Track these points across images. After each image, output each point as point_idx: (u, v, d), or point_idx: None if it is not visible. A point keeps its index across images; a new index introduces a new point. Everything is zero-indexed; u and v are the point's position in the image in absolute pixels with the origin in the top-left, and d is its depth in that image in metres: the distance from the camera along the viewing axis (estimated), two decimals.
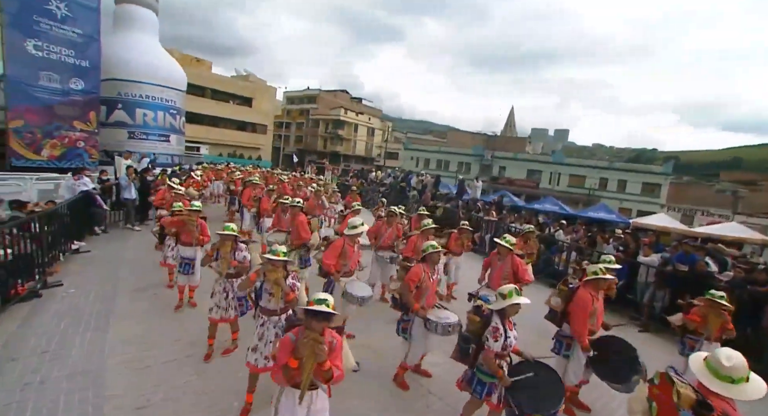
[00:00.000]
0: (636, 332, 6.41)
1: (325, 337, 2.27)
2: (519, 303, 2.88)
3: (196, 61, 41.58)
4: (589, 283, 3.65)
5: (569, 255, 8.06)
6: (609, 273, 4.01)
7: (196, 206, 5.05)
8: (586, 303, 3.56)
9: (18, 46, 10.78)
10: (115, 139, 13.79)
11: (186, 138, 33.13)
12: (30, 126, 11.13)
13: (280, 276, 3.05)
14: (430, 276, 3.85)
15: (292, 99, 59.75)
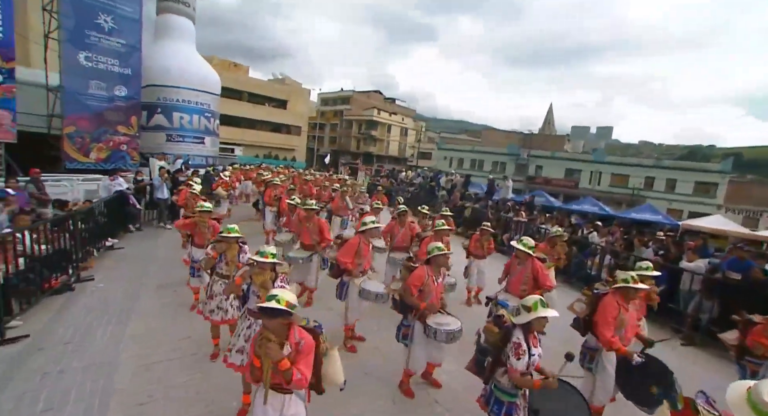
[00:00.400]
0: (678, 345, 5.85)
1: (291, 338, 2.19)
2: (546, 317, 2.54)
3: (233, 66, 43.30)
4: (618, 291, 3.31)
5: (602, 259, 7.52)
6: (646, 281, 3.66)
7: (206, 207, 5.11)
8: (610, 311, 3.23)
9: (72, 58, 11.66)
10: (155, 141, 14.57)
11: (223, 140, 34.68)
12: (81, 131, 11.98)
13: (267, 279, 3.00)
14: (434, 280, 3.65)
15: (326, 100, 60.76)
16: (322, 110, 60.38)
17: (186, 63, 15.12)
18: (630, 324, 3.33)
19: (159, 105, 14.61)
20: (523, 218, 9.67)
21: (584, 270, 7.79)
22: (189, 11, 15.52)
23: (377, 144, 54.63)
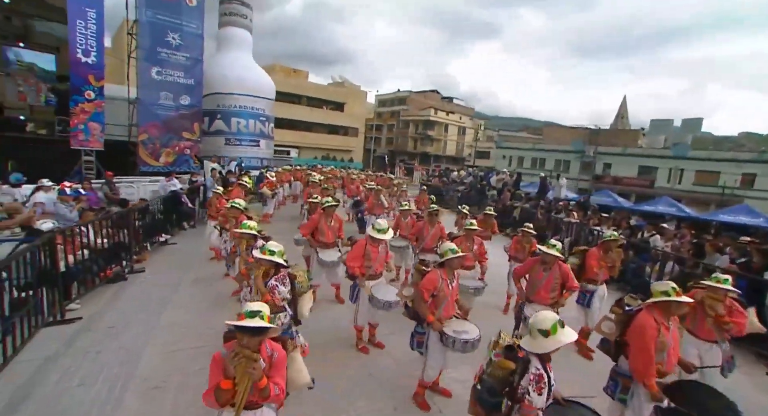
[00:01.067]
0: (763, 374, 4.95)
1: (263, 351, 2.07)
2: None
3: (293, 72, 45.50)
4: (657, 307, 2.74)
5: (663, 266, 6.62)
6: (717, 295, 3.15)
7: (237, 204, 5.38)
8: (646, 331, 2.65)
9: (146, 73, 13.05)
10: (215, 145, 15.77)
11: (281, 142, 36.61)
12: (152, 138, 13.35)
13: (259, 275, 3.02)
14: (448, 284, 3.40)
15: (384, 102, 61.43)
16: (380, 111, 61.21)
17: (243, 71, 16.20)
18: (673, 345, 2.75)
19: (219, 111, 15.80)
20: (575, 219, 8.89)
21: (642, 278, 6.93)
22: (247, 23, 16.60)
23: (434, 144, 54.13)
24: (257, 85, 16.62)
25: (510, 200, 12.30)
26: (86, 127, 11.65)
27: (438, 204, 7.83)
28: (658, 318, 2.72)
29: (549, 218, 9.91)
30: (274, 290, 3.03)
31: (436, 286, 3.34)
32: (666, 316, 2.74)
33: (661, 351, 2.69)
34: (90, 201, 6.69)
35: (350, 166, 41.36)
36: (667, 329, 2.73)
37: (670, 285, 2.78)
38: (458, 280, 3.71)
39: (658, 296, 2.74)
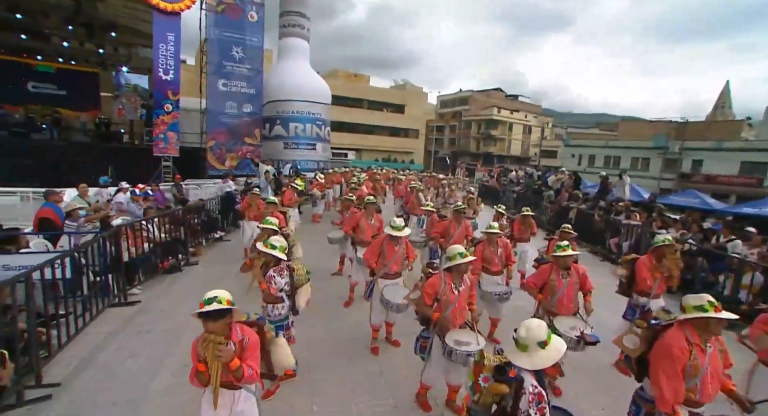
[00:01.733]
0: None
1: (234, 336, 2.22)
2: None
3: (354, 77, 46.86)
4: (690, 324, 2.31)
5: (738, 276, 5.70)
6: None
7: (271, 200, 5.75)
8: (673, 352, 2.26)
9: (214, 86, 14.42)
10: (275, 150, 16.86)
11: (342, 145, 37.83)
12: (219, 144, 14.69)
13: (258, 265, 3.21)
14: (452, 289, 3.21)
15: (446, 102, 60.78)
16: (441, 112, 60.70)
17: (301, 78, 17.15)
18: (711, 372, 2.29)
19: (278, 117, 16.88)
20: (636, 221, 8.01)
21: (714, 290, 6.04)
22: (304, 33, 17.55)
23: (497, 143, 52.27)
24: (314, 91, 17.47)
25: (568, 201, 11.46)
26: (165, 136, 13.20)
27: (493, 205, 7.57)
28: (692, 337, 2.30)
29: (608, 220, 9.05)
30: (270, 280, 3.23)
31: (437, 291, 3.21)
32: (702, 336, 2.31)
33: (694, 376, 2.28)
34: (156, 201, 7.61)
35: (410, 167, 41.53)
36: (702, 351, 2.29)
37: (706, 298, 2.32)
38: (473, 285, 3.51)
39: (692, 312, 2.30)
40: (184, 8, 12.85)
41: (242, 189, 10.35)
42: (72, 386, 3.63)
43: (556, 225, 11.55)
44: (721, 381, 2.37)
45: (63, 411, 3.30)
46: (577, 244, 10.02)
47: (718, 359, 2.33)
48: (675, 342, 2.30)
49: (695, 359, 2.25)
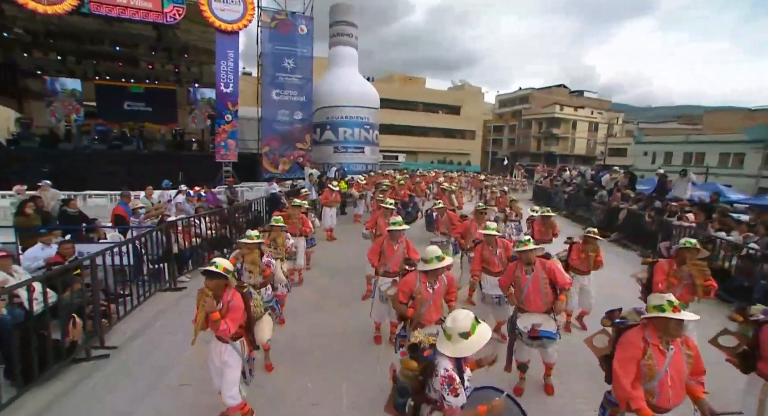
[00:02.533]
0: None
1: (224, 297, 2.77)
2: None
3: (408, 80, 47.16)
4: (651, 324, 2.30)
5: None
6: None
7: (298, 203, 6.23)
8: (628, 350, 2.31)
9: (268, 96, 15.61)
10: (325, 153, 17.73)
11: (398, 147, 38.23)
12: (273, 149, 15.85)
13: (256, 256, 3.62)
14: (428, 287, 3.28)
15: (505, 102, 58.87)
16: (500, 112, 58.87)
17: (349, 84, 17.90)
18: (672, 376, 2.23)
19: (328, 123, 17.76)
20: (688, 222, 7.27)
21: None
22: (353, 41, 18.30)
23: (560, 142, 49.42)
24: (362, 96, 18.12)
25: (621, 201, 10.67)
26: (225, 144, 14.58)
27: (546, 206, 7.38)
28: (650, 337, 2.27)
29: (660, 221, 8.30)
30: (269, 265, 3.64)
31: (412, 288, 3.27)
32: (662, 337, 2.26)
33: (650, 378, 2.23)
34: (207, 201, 8.55)
35: (466, 169, 40.85)
36: (661, 353, 2.24)
37: (666, 298, 2.25)
38: (450, 282, 3.47)
39: (651, 311, 2.27)
40: (242, 27, 14.14)
41: (286, 191, 11.14)
42: (125, 350, 4.41)
43: (605, 227, 10.84)
44: (686, 387, 2.27)
45: (116, 368, 4.06)
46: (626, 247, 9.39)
47: (683, 364, 2.24)
48: (631, 339, 2.30)
49: (650, 359, 2.21)
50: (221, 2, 13.59)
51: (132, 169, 14.15)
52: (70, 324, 3.98)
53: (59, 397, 3.55)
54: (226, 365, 2.87)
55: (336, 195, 9.62)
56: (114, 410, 3.41)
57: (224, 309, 2.75)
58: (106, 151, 15.64)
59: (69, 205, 6.85)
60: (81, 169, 13.64)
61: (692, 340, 2.39)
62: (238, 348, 2.91)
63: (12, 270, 4.36)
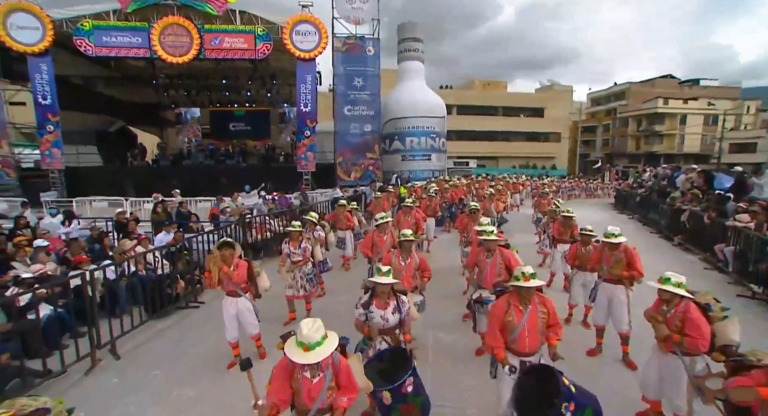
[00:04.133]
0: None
1: (233, 261, 4.06)
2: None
3: (487, 85, 46.50)
4: (514, 290, 2.93)
5: None
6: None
7: (342, 203, 7.52)
8: (493, 311, 3.01)
9: (341, 111, 17.51)
10: (394, 162, 19.05)
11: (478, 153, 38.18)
12: (346, 159, 17.67)
13: (297, 240, 4.92)
14: (400, 261, 4.20)
15: (598, 100, 54.41)
16: (592, 111, 54.47)
17: (416, 96, 19.02)
18: (528, 328, 2.85)
19: (396, 133, 19.07)
20: (743, 222, 6.73)
21: None
22: (419, 55, 19.46)
23: (665, 140, 43.94)
24: (428, 107, 19.09)
25: (692, 202, 9.89)
26: (305, 156, 16.76)
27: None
28: (512, 300, 2.92)
29: (716, 222, 7.72)
30: (306, 250, 4.91)
31: (390, 262, 4.09)
32: (520, 300, 2.90)
33: (512, 330, 2.89)
34: (280, 204, 10.38)
35: (549, 173, 38.90)
36: (520, 312, 2.88)
37: (521, 270, 2.88)
38: (422, 260, 4.31)
39: (512, 281, 2.92)
40: (318, 54, 16.23)
41: (348, 196, 12.62)
42: (209, 305, 6.10)
43: (672, 229, 10.13)
44: (543, 336, 2.92)
45: (202, 315, 5.80)
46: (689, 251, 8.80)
47: (537, 319, 2.89)
48: (497, 303, 3.04)
49: (510, 316, 2.90)
50: (300, 34, 15.83)
51: (232, 179, 17.11)
52: (178, 284, 5.79)
53: (169, 326, 5.42)
54: (243, 311, 4.12)
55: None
56: (200, 337, 5.05)
57: (233, 268, 4.04)
58: (214, 166, 19.09)
59: (182, 206, 9.17)
60: (196, 180, 17.00)
61: (549, 302, 2.99)
62: (249, 298, 4.19)
63: (148, 247, 6.40)
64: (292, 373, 2.26)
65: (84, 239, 6.62)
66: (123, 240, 6.24)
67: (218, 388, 3.91)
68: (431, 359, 4.31)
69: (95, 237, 6.52)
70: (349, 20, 16.70)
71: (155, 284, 5.49)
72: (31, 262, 5.26)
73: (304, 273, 5.26)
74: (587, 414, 2.43)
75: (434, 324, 5.06)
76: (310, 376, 2.25)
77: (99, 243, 6.30)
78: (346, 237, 7.64)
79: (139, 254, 5.80)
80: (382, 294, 3.21)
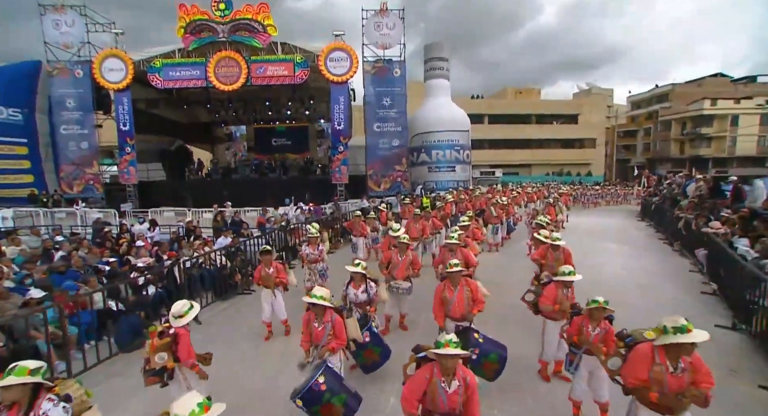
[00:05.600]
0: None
1: (272, 263, 5.63)
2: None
3: (519, 93, 46.74)
4: (448, 276, 4.41)
5: None
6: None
7: (357, 213, 9.06)
8: (436, 292, 4.41)
9: (371, 127, 19.18)
10: (421, 173, 20.45)
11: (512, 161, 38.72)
12: (376, 171, 19.29)
13: (316, 243, 6.47)
14: (397, 257, 5.66)
15: (638, 103, 52.81)
16: (633, 115, 52.92)
17: (441, 111, 20.38)
18: (458, 302, 4.24)
19: (423, 147, 20.48)
20: (713, 229, 7.48)
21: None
22: (444, 73, 20.86)
23: (713, 143, 42.00)
24: (452, 121, 20.38)
25: (690, 211, 10.49)
26: (339, 169, 18.59)
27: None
28: (447, 284, 4.34)
29: (698, 229, 8.43)
30: (321, 252, 6.48)
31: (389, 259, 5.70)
32: (452, 282, 4.29)
33: (448, 304, 4.27)
34: (315, 213, 12.12)
35: (583, 180, 38.58)
36: (451, 290, 4.27)
37: (450, 262, 4.33)
38: (414, 257, 5.80)
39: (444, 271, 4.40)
40: (349, 78, 18.10)
41: (374, 205, 14.20)
42: (257, 294, 7.50)
43: (674, 235, 10.76)
44: (469, 307, 4.25)
45: (252, 301, 7.29)
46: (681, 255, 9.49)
47: (464, 295, 4.27)
48: (438, 287, 4.44)
49: (445, 294, 4.31)
50: (334, 61, 17.76)
51: (274, 191, 19.24)
52: (236, 276, 7.58)
53: (227, 307, 7.13)
54: (277, 299, 5.67)
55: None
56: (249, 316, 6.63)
57: (271, 269, 5.63)
58: (258, 179, 21.42)
59: (235, 215, 11.17)
60: (244, 192, 19.29)
61: (473, 283, 4.39)
62: (280, 290, 5.77)
63: (212, 247, 8.28)
64: (309, 323, 3.78)
65: (165, 241, 8.63)
66: (193, 242, 8.16)
67: (257, 351, 5.52)
68: (419, 334, 5.68)
69: (173, 239, 8.52)
70: (377, 46, 18.42)
71: (219, 275, 7.27)
72: (136, 257, 7.23)
73: (317, 269, 6.78)
74: (491, 358, 3.74)
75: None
76: (317, 326, 3.72)
77: (177, 244, 8.25)
78: (359, 242, 9.13)
79: (207, 252, 7.65)
80: (356, 279, 4.71)
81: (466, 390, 2.65)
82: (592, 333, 3.41)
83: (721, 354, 4.69)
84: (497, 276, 7.94)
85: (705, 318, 5.59)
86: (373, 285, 4.83)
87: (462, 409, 2.68)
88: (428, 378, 2.67)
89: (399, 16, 18.34)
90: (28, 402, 2.30)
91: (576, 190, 22.61)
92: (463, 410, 2.68)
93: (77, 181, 18.74)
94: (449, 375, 2.63)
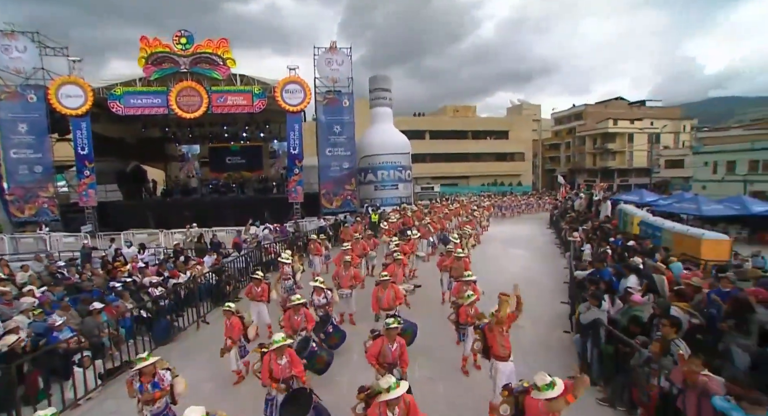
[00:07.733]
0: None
1: (261, 285, 7.76)
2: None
3: (455, 112, 51.53)
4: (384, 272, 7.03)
5: None
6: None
7: (312, 237, 11.36)
8: (373, 293, 6.90)
9: (324, 152, 21.38)
10: (368, 191, 23.02)
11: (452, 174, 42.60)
12: (328, 191, 21.52)
13: (289, 269, 8.69)
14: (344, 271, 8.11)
15: (560, 119, 60.14)
16: (556, 130, 60.07)
17: (385, 136, 23.17)
18: (387, 298, 6.57)
19: (370, 167, 23.09)
20: (573, 238, 10.77)
21: None
22: (388, 102, 23.77)
23: (617, 157, 49.35)
24: (395, 145, 23.28)
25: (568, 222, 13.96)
26: (295, 189, 20.57)
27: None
28: (380, 287, 6.79)
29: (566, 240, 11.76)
30: (289, 273, 8.70)
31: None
32: (383, 287, 6.76)
33: (379, 300, 6.75)
34: (281, 232, 14.16)
35: (514, 190, 43.63)
36: (382, 292, 6.69)
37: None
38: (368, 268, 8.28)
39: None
40: (303, 107, 20.26)
41: (330, 224, 16.45)
42: (245, 301, 9.72)
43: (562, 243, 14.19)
44: (393, 299, 6.70)
45: (241, 307, 9.22)
46: (565, 257, 12.78)
47: (391, 292, 6.72)
48: (374, 289, 6.85)
49: (379, 294, 6.71)
50: (289, 92, 19.83)
51: (234, 210, 20.70)
52: (229, 286, 9.49)
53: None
54: (262, 310, 7.62)
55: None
56: None
57: (259, 289, 7.65)
58: (218, 198, 22.71)
59: (214, 237, 12.90)
60: (203, 212, 20.53)
61: (396, 287, 6.95)
62: (264, 302, 7.81)
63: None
64: (269, 363, 4.55)
65: (153, 262, 10.28)
66: (187, 262, 9.94)
67: (251, 345, 7.60)
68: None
69: (166, 260, 10.21)
70: (327, 80, 20.82)
71: (212, 287, 9.16)
72: (141, 277, 8.92)
73: (286, 286, 8.80)
74: (407, 333, 6.21)
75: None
76: (280, 363, 4.54)
77: (173, 263, 9.94)
78: (315, 260, 11.23)
79: (208, 271, 9.49)
80: (317, 290, 6.94)
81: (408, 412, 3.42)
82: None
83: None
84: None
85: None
86: (329, 292, 7.15)
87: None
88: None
89: (347, 54, 20.91)
90: (153, 372, 4.15)
91: (500, 201, 26.61)
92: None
93: (29, 204, 18.88)
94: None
